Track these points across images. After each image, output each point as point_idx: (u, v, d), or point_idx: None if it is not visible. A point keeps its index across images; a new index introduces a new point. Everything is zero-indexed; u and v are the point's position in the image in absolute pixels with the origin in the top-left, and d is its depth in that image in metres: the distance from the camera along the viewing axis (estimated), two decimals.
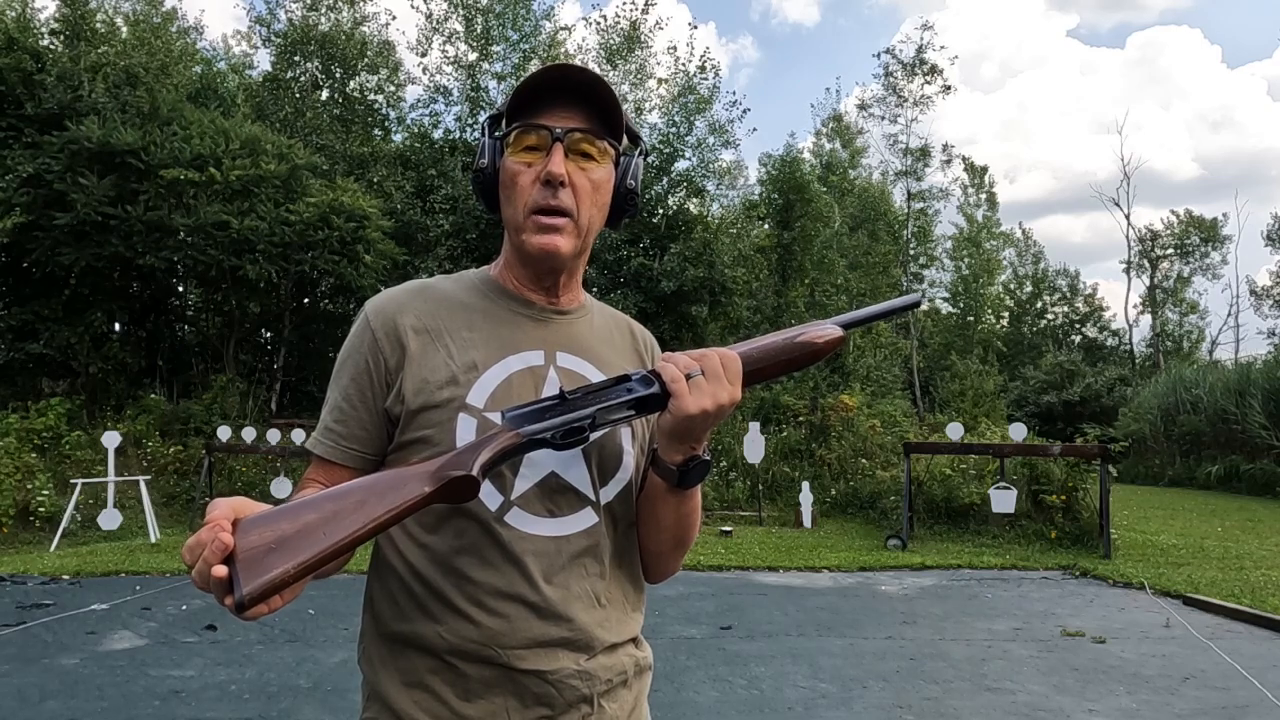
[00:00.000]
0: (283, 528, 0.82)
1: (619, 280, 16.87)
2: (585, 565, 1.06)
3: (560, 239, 1.07)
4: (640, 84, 19.70)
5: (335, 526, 0.84)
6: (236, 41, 21.90)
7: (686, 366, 0.98)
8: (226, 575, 0.78)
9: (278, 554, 0.80)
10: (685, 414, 0.97)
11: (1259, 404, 16.97)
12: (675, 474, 1.03)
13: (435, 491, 0.91)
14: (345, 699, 4.07)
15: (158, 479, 10.95)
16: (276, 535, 0.82)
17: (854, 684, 4.39)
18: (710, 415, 0.97)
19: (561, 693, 1.02)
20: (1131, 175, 34.90)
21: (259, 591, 0.78)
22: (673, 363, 0.99)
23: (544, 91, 1.06)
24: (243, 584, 0.78)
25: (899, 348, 24.59)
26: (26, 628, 5.43)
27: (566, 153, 1.05)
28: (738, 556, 8.14)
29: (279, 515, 0.84)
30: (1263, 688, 4.32)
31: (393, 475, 0.92)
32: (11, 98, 12.65)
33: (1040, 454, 9.49)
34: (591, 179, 1.08)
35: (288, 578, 0.80)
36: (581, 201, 1.07)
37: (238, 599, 0.78)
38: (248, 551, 0.80)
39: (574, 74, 1.05)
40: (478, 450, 0.94)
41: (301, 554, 0.81)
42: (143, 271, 13.59)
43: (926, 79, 28.54)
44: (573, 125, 1.06)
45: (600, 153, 1.08)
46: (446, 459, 0.93)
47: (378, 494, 0.89)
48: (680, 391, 0.97)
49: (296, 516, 0.84)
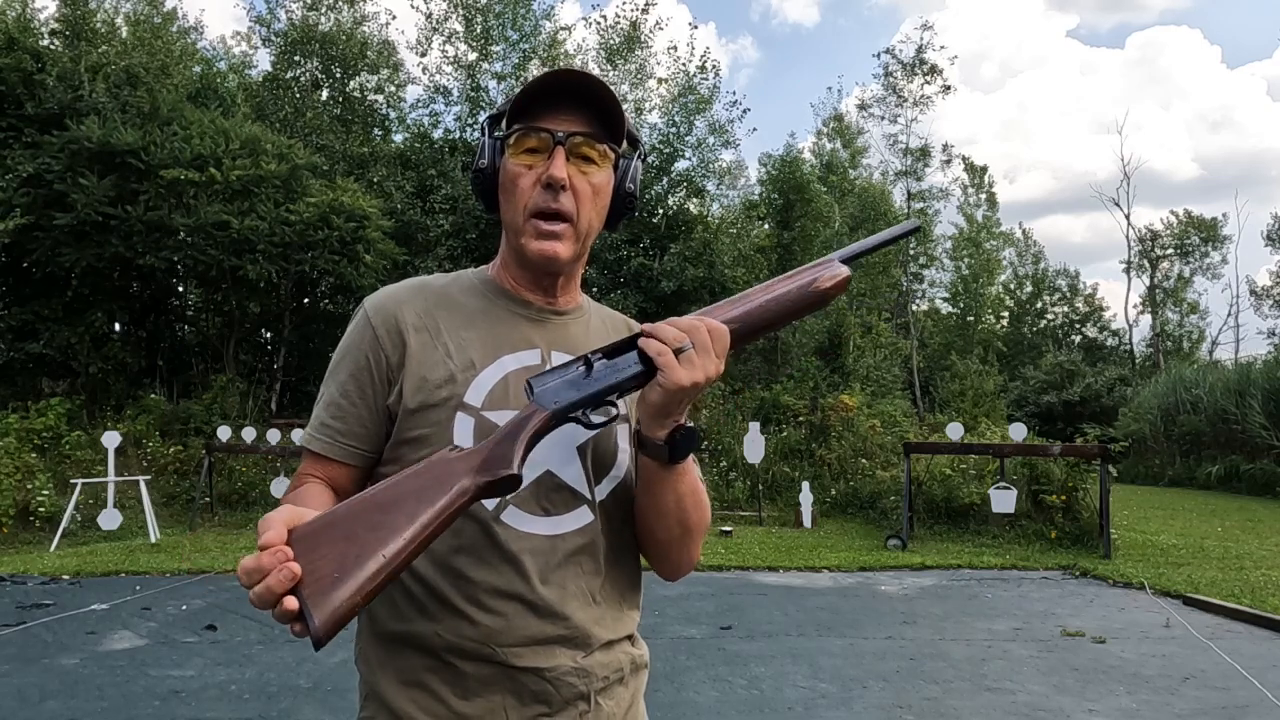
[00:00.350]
0: (342, 549, 0.81)
1: (619, 280, 16.88)
2: (581, 563, 1.06)
3: (560, 245, 1.07)
4: (640, 84, 19.72)
5: (392, 543, 0.83)
6: (237, 42, 21.92)
7: (676, 340, 0.96)
8: (297, 608, 0.78)
9: (343, 582, 0.80)
10: (676, 386, 0.95)
11: (1259, 404, 16.97)
12: (665, 449, 1.01)
13: (481, 489, 0.91)
14: (345, 699, 4.07)
15: (158, 479, 10.95)
16: (338, 559, 0.81)
17: (854, 684, 4.39)
18: (698, 388, 0.96)
19: (558, 690, 1.02)
20: (1131, 175, 34.92)
21: (333, 625, 0.78)
22: (659, 335, 0.98)
23: (546, 94, 1.06)
24: (315, 619, 0.78)
25: (899, 348, 24.58)
26: (26, 628, 5.43)
27: (568, 156, 1.05)
28: (738, 556, 8.14)
29: (333, 532, 0.83)
30: (1263, 688, 4.32)
31: (433, 476, 0.90)
32: (12, 98, 12.66)
33: (1040, 454, 9.49)
34: (592, 183, 1.08)
35: (357, 608, 0.80)
36: (582, 205, 1.07)
37: (315, 636, 0.78)
38: (315, 582, 0.79)
39: (577, 78, 1.05)
40: (514, 440, 0.94)
41: (367, 580, 0.81)
42: (143, 271, 13.60)
43: (926, 79, 28.57)
44: (574, 129, 1.06)
45: (601, 156, 1.08)
46: (486, 454, 0.93)
47: (424, 500, 0.87)
48: (669, 364, 0.95)
49: (352, 534, 0.83)
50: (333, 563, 0.80)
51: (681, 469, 1.05)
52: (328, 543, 0.82)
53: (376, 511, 0.85)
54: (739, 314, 1.04)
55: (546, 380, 0.98)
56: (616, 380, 0.99)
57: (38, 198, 11.94)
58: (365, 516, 0.85)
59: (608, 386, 0.99)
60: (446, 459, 0.92)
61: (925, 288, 34.57)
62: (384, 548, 0.83)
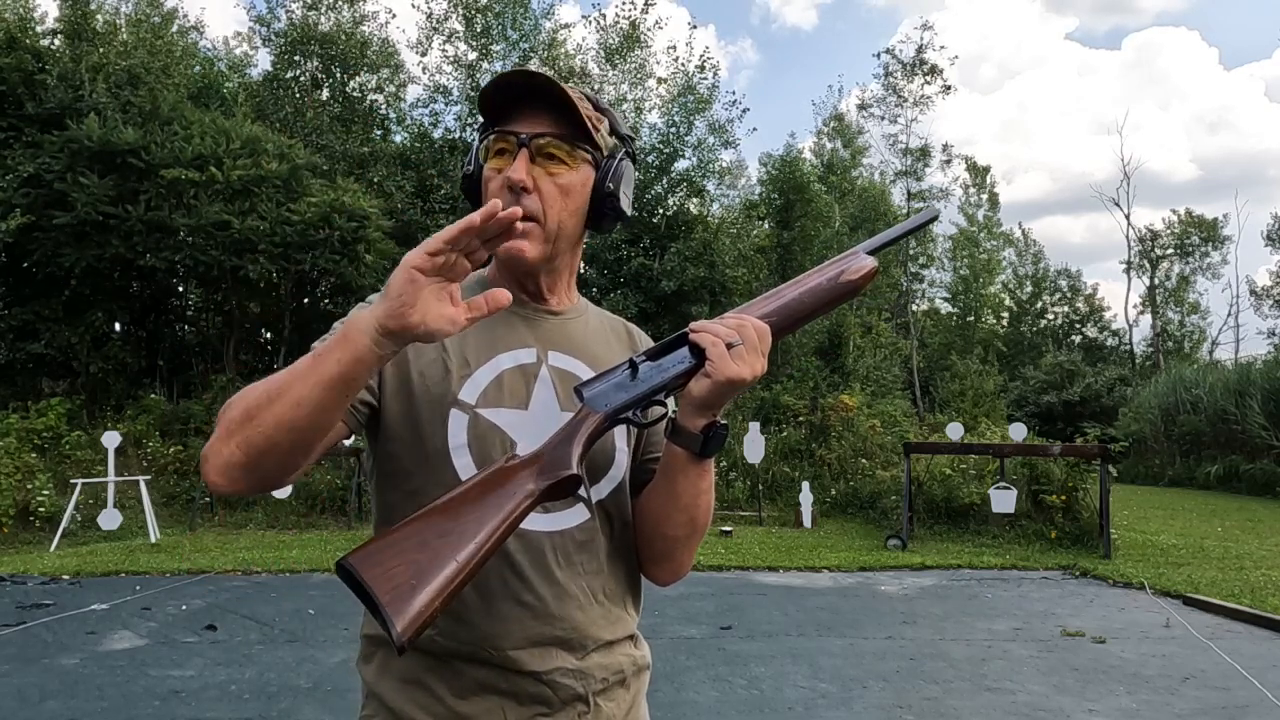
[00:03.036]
0: (416, 556, 0.84)
1: (619, 280, 16.88)
2: (580, 563, 1.06)
3: (525, 243, 1.06)
4: (640, 83, 19.72)
5: (465, 549, 0.86)
6: (239, 42, 21.86)
7: (727, 335, 1.00)
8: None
9: (420, 589, 0.82)
10: (726, 379, 0.98)
11: (1259, 404, 16.97)
12: (699, 440, 1.03)
13: (545, 492, 0.93)
14: (345, 699, 4.07)
15: (158, 479, 10.95)
16: (414, 567, 0.83)
17: (854, 684, 4.39)
18: (744, 384, 0.99)
19: (556, 692, 1.02)
20: (1131, 175, 34.89)
21: (414, 631, 0.81)
22: (710, 331, 1.00)
23: (515, 96, 1.06)
24: (397, 625, 0.80)
25: (899, 348, 24.57)
26: (26, 628, 5.43)
27: (534, 157, 1.05)
28: (738, 556, 8.14)
29: (406, 542, 0.85)
30: (1263, 688, 4.32)
31: (494, 481, 0.92)
32: (12, 97, 12.66)
33: (1040, 454, 9.49)
34: (559, 183, 1.07)
35: (436, 613, 0.83)
36: (549, 206, 1.06)
37: (399, 643, 0.80)
38: (394, 589, 0.82)
39: (537, 80, 1.05)
40: (571, 442, 0.96)
41: (444, 584, 0.84)
42: (143, 271, 13.59)
43: (926, 79, 28.55)
44: (539, 130, 1.05)
45: (570, 157, 1.07)
46: (546, 457, 0.95)
47: (491, 506, 0.90)
48: (721, 355, 0.98)
49: (425, 542, 0.85)
50: (409, 570, 0.83)
51: (706, 465, 1.07)
52: (402, 551, 0.84)
53: (447, 519, 0.88)
54: (775, 308, 1.07)
55: (594, 386, 1.02)
56: (663, 380, 1.03)
57: (38, 198, 11.94)
58: (436, 524, 0.87)
59: (655, 386, 1.03)
60: (506, 467, 0.94)
61: (925, 288, 34.58)
62: (457, 553, 0.86)
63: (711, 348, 0.99)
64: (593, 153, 1.09)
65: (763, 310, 1.06)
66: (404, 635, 0.80)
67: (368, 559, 0.83)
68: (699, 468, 1.06)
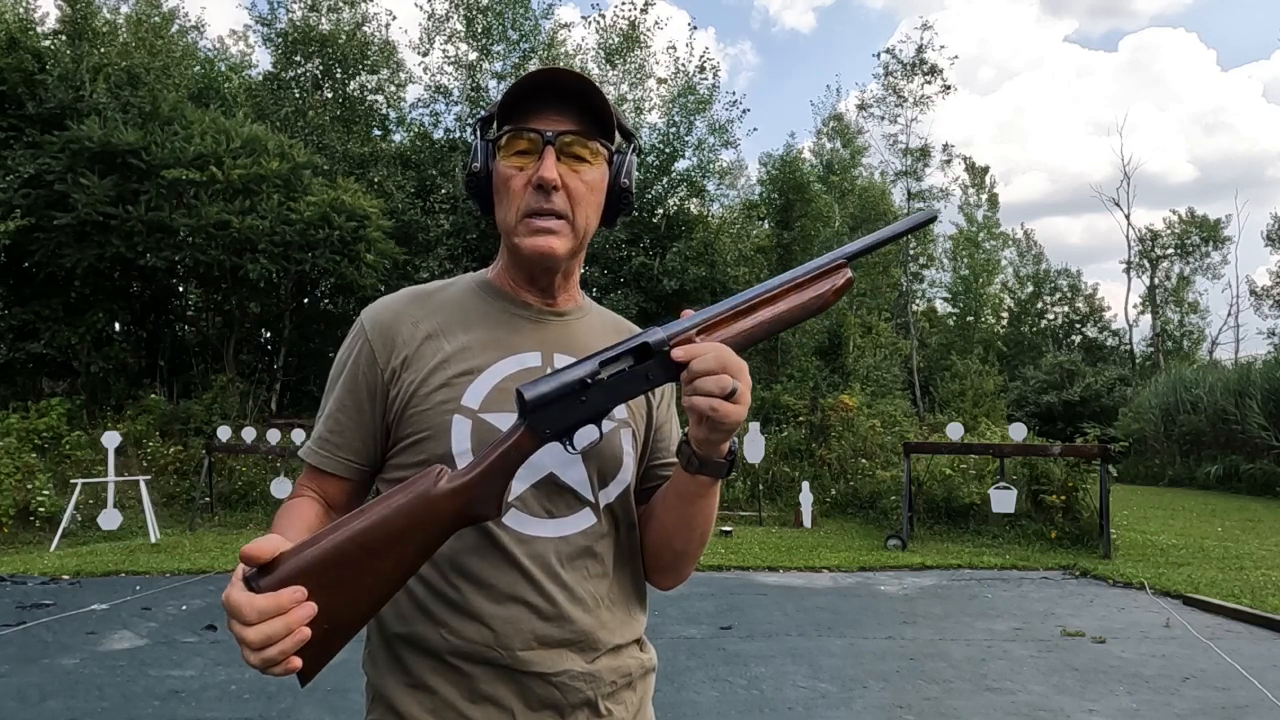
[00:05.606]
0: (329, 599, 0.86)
1: (620, 280, 16.88)
2: (587, 566, 1.06)
3: (555, 240, 1.06)
4: (640, 84, 19.72)
5: (377, 586, 0.90)
6: (234, 42, 21.87)
7: (722, 389, 0.94)
8: (299, 666, 0.84)
9: (333, 633, 0.87)
10: (735, 425, 0.96)
11: (1259, 404, 16.95)
12: (725, 467, 1.02)
13: (464, 524, 0.94)
14: (346, 699, 4.07)
15: (158, 479, 10.95)
16: (329, 611, 0.85)
17: (854, 684, 4.39)
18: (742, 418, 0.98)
19: (566, 695, 1.02)
20: (1131, 176, 34.88)
21: (319, 669, 0.88)
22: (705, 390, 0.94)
23: (534, 94, 1.05)
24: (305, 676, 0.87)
25: (899, 348, 24.55)
26: (26, 628, 5.44)
27: (559, 156, 1.05)
28: (738, 556, 8.14)
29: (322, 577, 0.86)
30: (1263, 688, 4.32)
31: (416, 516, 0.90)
32: (13, 98, 12.66)
33: (1040, 454, 9.49)
34: (585, 181, 1.07)
35: (339, 649, 0.89)
36: (576, 204, 1.06)
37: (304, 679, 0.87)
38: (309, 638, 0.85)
39: (562, 77, 1.05)
40: (504, 476, 0.94)
41: (352, 626, 0.89)
42: (143, 271, 13.60)
43: (926, 79, 28.52)
44: (564, 128, 1.05)
45: (593, 154, 1.07)
46: (471, 491, 0.93)
47: (408, 541, 0.90)
48: (728, 410, 0.94)
49: (339, 581, 0.87)
50: (323, 615, 0.85)
51: (718, 484, 1.07)
52: (317, 590, 0.85)
53: (364, 555, 0.88)
54: (745, 330, 1.01)
55: (540, 387, 0.95)
56: (613, 402, 0.98)
57: (38, 198, 11.94)
58: (352, 560, 0.87)
59: (601, 410, 0.98)
60: (429, 496, 0.91)
61: (925, 288, 34.55)
62: (371, 595, 0.90)
63: (713, 412, 0.94)
64: (609, 148, 1.10)
65: (737, 330, 1.00)
66: (309, 675, 0.87)
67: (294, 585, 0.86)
68: (715, 489, 1.07)
